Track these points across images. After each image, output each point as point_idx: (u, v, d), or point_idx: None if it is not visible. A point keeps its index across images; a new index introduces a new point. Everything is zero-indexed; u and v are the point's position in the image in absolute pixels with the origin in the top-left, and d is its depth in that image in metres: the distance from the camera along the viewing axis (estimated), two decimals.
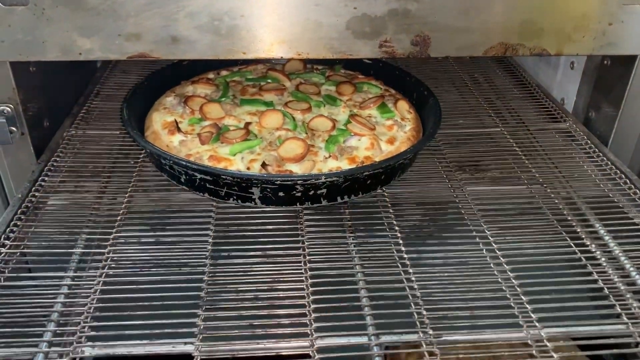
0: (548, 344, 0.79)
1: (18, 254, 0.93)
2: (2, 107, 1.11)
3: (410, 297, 0.85)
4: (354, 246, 0.97)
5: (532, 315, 0.83)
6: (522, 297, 0.86)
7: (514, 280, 0.89)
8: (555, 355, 0.78)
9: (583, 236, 1.00)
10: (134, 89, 1.26)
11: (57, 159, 1.16)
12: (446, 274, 0.90)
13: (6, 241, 0.94)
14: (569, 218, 1.04)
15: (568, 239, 0.99)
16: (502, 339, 0.81)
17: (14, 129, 1.13)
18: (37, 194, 1.06)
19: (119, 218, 1.01)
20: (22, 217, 0.99)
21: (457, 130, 1.31)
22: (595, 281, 0.90)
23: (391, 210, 1.04)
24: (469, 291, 0.87)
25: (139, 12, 1.00)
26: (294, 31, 1.04)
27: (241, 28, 1.03)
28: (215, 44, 1.04)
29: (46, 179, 1.10)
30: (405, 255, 0.94)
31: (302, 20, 1.03)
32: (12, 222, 0.98)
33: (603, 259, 0.96)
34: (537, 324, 0.82)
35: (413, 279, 0.89)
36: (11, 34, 1.01)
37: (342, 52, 1.06)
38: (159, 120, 1.18)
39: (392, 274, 0.91)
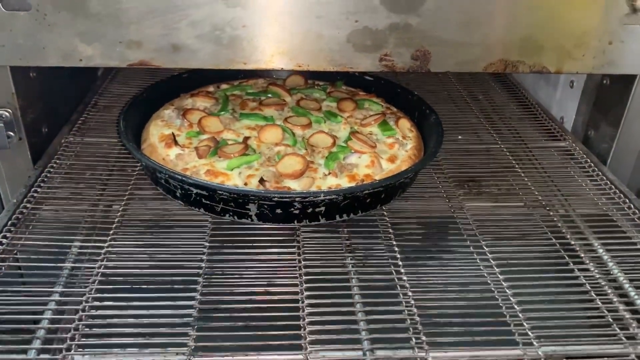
0: None
1: (10, 259, 0.92)
2: (0, 112, 1.10)
3: (409, 321, 0.84)
4: (352, 266, 0.95)
5: (530, 333, 0.82)
6: (520, 315, 0.85)
7: (512, 298, 0.88)
8: None
9: (582, 255, 1.00)
10: (132, 101, 1.25)
11: (54, 165, 1.16)
12: (446, 295, 0.89)
13: None
14: (568, 236, 1.04)
15: (567, 257, 0.98)
16: (498, 356, 0.80)
17: (11, 133, 1.12)
18: (32, 199, 1.04)
19: (113, 226, 1.00)
20: (17, 222, 0.98)
21: (456, 145, 1.31)
22: (593, 300, 0.90)
23: (391, 230, 1.03)
24: (468, 312, 0.86)
25: (140, 19, 1.00)
26: (294, 43, 1.04)
27: (242, 38, 1.03)
28: (217, 53, 1.04)
29: (42, 184, 1.09)
30: (405, 277, 0.92)
31: (303, 32, 1.03)
32: (6, 228, 0.96)
33: (601, 279, 0.95)
34: (534, 342, 0.81)
35: (412, 301, 0.87)
36: (12, 39, 1.00)
37: (343, 65, 1.06)
38: (156, 132, 1.17)
39: (391, 295, 0.89)
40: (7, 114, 1.10)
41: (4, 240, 0.94)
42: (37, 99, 1.19)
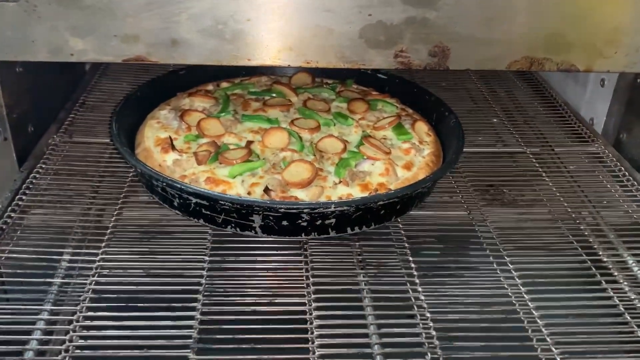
0: None
1: None
2: None
3: (427, 345, 0.84)
4: (365, 284, 0.95)
5: (554, 349, 0.83)
6: (543, 330, 0.86)
7: (534, 312, 0.89)
8: None
9: (611, 267, 1.00)
10: (125, 100, 1.25)
11: (41, 167, 1.16)
12: (465, 311, 0.89)
13: None
14: (596, 248, 1.04)
15: (595, 270, 0.99)
16: None
17: None
18: (17, 207, 1.05)
19: (105, 238, 1.00)
20: (0, 232, 0.99)
21: (476, 149, 1.31)
22: (622, 314, 0.91)
23: (406, 245, 1.03)
24: (488, 328, 0.86)
25: (137, 12, 1.00)
26: (302, 38, 1.04)
27: (247, 33, 1.03)
28: (219, 49, 1.03)
29: (30, 187, 1.10)
30: (422, 296, 0.92)
31: (311, 27, 1.03)
32: None
33: (633, 295, 0.95)
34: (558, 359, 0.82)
35: (430, 323, 0.87)
36: None
37: (354, 62, 1.06)
38: (151, 136, 1.17)
39: (407, 315, 0.89)
40: None
41: None
42: (24, 95, 1.20)
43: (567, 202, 1.15)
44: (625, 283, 0.97)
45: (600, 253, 1.04)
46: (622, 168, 1.24)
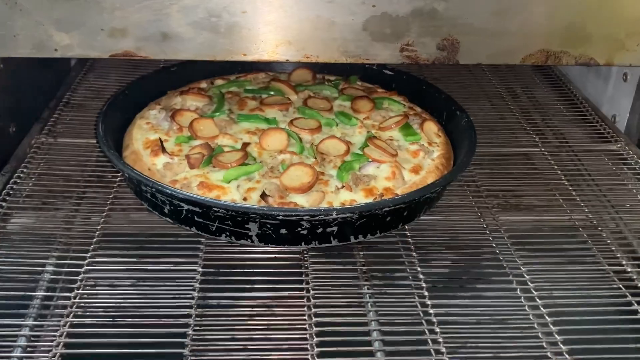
0: None
1: None
2: None
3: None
4: (370, 297, 0.95)
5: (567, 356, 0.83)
6: (567, 356, 0.84)
7: (557, 336, 0.87)
8: None
9: (635, 277, 1.00)
10: (112, 99, 1.25)
11: (23, 171, 1.17)
12: (480, 334, 0.88)
13: None
14: (618, 255, 1.04)
15: (622, 287, 0.98)
16: None
17: None
18: None
19: (91, 248, 1.00)
20: None
21: (489, 149, 1.31)
22: None
23: (414, 254, 1.02)
24: (504, 349, 0.85)
25: (125, 4, 1.00)
26: (302, 31, 1.04)
27: (242, 26, 1.03)
28: (212, 43, 1.04)
29: (11, 192, 1.11)
30: (432, 311, 0.91)
31: (312, 19, 1.03)
32: None
33: None
34: None
35: (440, 339, 0.86)
36: None
37: (358, 56, 1.06)
38: (140, 137, 1.17)
39: (416, 333, 0.88)
40: None
41: None
42: (5, 93, 1.20)
43: (586, 206, 1.15)
44: None
45: (621, 259, 1.03)
46: None
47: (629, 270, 1.01)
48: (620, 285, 0.98)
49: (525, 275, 0.98)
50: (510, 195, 1.19)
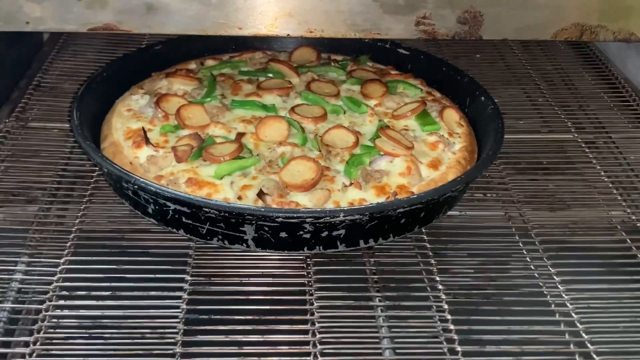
0: None
1: None
2: None
3: None
4: (382, 310, 0.94)
5: None
6: None
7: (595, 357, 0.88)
8: None
9: None
10: (88, 82, 1.24)
11: None
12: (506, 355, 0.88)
13: None
14: None
15: None
16: None
17: None
18: None
19: (65, 252, 1.01)
20: None
21: (516, 135, 1.32)
22: None
23: (433, 262, 1.02)
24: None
25: None
26: (305, 1, 1.04)
27: None
28: (203, 15, 1.04)
29: None
30: (452, 327, 0.91)
31: None
32: None
33: None
34: None
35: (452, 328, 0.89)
36: None
37: (367, 31, 1.07)
38: (120, 127, 1.17)
39: (434, 353, 0.88)
40: None
41: None
42: None
43: (626, 202, 1.16)
44: None
45: None
46: None
47: None
48: None
49: (559, 286, 0.98)
50: (540, 188, 1.19)
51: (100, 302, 0.93)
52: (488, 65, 1.60)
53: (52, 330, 0.89)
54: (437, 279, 0.99)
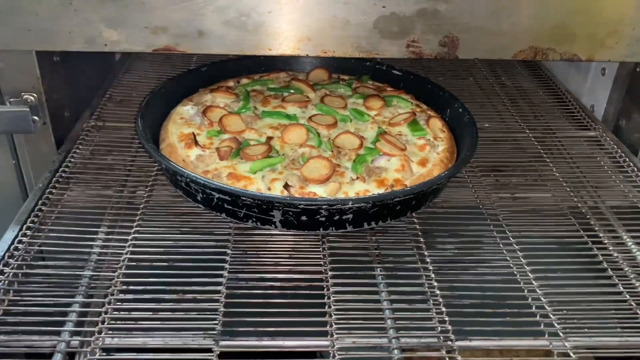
0: (572, 354, 0.80)
1: (39, 244, 0.94)
2: (26, 96, 1.13)
3: (434, 311, 0.86)
4: (382, 278, 0.92)
5: (556, 325, 0.84)
6: (547, 307, 0.87)
7: (538, 291, 0.90)
8: None
9: (610, 247, 1.01)
10: (149, 96, 1.22)
11: (77, 150, 1.17)
12: (472, 284, 0.90)
13: (27, 231, 0.95)
14: (596, 228, 1.04)
15: (595, 249, 0.99)
16: (524, 346, 0.82)
17: (36, 118, 1.14)
18: (57, 185, 1.06)
19: (139, 212, 1.02)
20: (43, 208, 1.00)
21: (483, 134, 1.28)
22: (621, 293, 0.91)
23: (422, 240, 1.00)
24: (494, 302, 0.87)
25: (166, 4, 1.02)
26: (320, 29, 1.05)
27: (268, 24, 1.04)
28: (242, 39, 1.05)
29: (66, 169, 1.11)
30: (438, 292, 0.90)
31: (329, 18, 1.04)
32: (33, 213, 0.99)
33: (630, 271, 0.95)
34: (561, 334, 0.83)
35: (446, 319, 0.85)
36: (38, 23, 1.03)
37: (369, 51, 1.07)
38: (175, 131, 1.14)
39: (423, 310, 0.87)
40: (32, 98, 1.12)
41: (32, 225, 0.95)
42: (60, 83, 1.21)
43: (568, 184, 1.15)
44: (620, 258, 0.98)
45: (597, 229, 1.04)
46: (621, 153, 1.23)
47: (601, 235, 1.03)
48: (594, 247, 0.99)
49: (522, 259, 0.96)
50: (501, 175, 1.18)
51: (159, 272, 0.90)
52: (462, 83, 1.57)
53: (124, 286, 0.87)
54: (426, 253, 0.96)
